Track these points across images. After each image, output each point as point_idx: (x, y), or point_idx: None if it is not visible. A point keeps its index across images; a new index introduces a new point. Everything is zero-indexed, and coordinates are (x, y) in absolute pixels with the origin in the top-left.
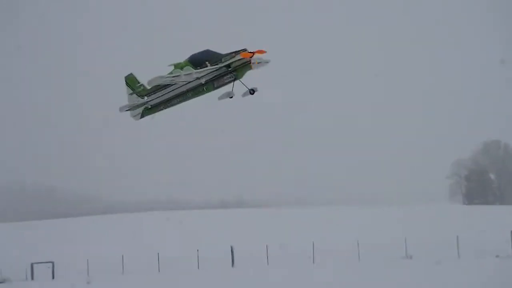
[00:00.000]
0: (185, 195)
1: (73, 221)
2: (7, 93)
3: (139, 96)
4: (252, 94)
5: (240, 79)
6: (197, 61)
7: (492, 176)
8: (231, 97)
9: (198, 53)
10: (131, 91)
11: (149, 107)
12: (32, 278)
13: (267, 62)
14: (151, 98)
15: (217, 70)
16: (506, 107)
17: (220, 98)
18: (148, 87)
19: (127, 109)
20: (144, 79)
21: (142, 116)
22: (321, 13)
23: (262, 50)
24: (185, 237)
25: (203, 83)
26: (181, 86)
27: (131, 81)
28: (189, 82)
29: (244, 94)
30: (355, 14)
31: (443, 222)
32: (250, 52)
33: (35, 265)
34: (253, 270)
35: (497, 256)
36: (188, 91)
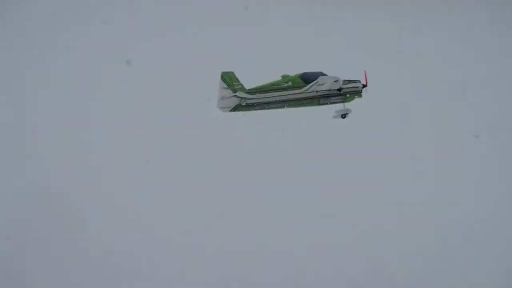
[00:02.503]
0: None
1: None
2: None
3: (234, 93)
4: (343, 118)
5: (345, 103)
6: (309, 80)
7: None
8: (343, 116)
9: (312, 72)
10: (226, 86)
11: (244, 104)
12: None
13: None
14: (251, 97)
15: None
16: None
17: (335, 116)
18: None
19: (229, 108)
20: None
21: (234, 110)
22: None
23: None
24: None
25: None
26: (286, 95)
27: (229, 79)
28: (296, 93)
29: (336, 114)
30: None
31: None
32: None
33: None
34: None
35: None
36: (291, 100)
